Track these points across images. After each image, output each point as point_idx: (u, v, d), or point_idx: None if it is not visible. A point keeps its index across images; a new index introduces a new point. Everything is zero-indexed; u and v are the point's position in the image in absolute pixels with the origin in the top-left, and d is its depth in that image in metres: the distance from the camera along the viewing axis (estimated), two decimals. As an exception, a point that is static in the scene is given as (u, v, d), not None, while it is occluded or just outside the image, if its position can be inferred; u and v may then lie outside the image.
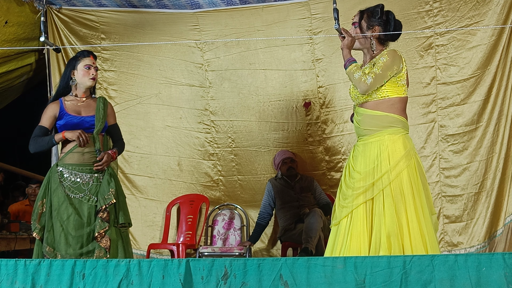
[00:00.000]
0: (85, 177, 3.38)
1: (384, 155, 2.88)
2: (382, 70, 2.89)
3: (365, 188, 2.87)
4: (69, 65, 3.56)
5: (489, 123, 4.53)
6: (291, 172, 4.90)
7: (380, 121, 2.94)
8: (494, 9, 4.45)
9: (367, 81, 2.88)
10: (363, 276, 2.11)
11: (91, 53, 3.58)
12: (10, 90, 5.62)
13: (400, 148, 2.89)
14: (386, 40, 3.09)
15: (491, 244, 4.47)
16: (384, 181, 2.84)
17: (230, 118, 5.19)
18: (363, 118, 3.00)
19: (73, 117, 3.46)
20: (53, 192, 3.33)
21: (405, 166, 2.85)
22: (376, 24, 3.04)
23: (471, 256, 2.07)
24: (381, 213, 2.82)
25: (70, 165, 3.38)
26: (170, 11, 5.07)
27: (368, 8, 3.11)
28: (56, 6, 5.11)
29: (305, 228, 4.41)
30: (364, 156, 2.95)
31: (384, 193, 2.84)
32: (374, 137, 2.94)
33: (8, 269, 2.44)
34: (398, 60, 2.94)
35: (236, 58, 5.11)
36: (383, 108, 2.94)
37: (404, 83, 2.99)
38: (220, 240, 5.16)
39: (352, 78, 2.94)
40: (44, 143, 3.43)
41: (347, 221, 2.92)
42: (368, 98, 2.97)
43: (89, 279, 2.34)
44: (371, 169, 2.89)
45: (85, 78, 3.50)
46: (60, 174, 3.36)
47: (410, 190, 2.84)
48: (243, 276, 2.20)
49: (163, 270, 2.29)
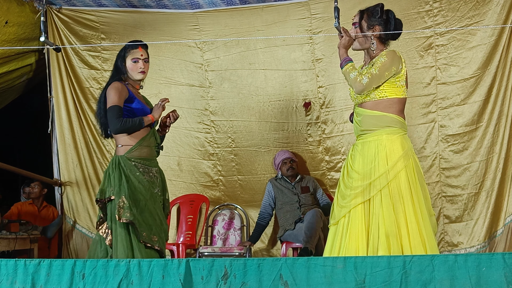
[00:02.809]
0: (154, 171, 3.35)
1: (381, 155, 2.88)
2: (379, 71, 2.89)
3: (363, 188, 2.88)
4: (119, 56, 3.44)
5: (489, 123, 4.53)
6: (291, 172, 4.90)
7: (379, 121, 2.95)
8: (494, 9, 4.45)
9: (363, 81, 2.88)
10: (363, 276, 2.11)
11: (140, 44, 3.41)
12: (11, 90, 5.63)
13: (398, 148, 2.89)
14: (387, 39, 3.08)
15: (491, 244, 4.47)
16: (382, 181, 2.84)
17: (230, 118, 5.19)
18: (362, 118, 3.00)
19: (141, 104, 3.36)
20: (135, 186, 3.21)
21: (403, 166, 2.86)
22: (377, 23, 3.03)
23: (471, 256, 2.07)
24: (379, 213, 2.82)
25: (142, 159, 3.28)
26: (170, 11, 5.07)
27: (368, 8, 3.10)
28: (56, 6, 5.12)
29: (305, 228, 4.41)
30: (362, 156, 2.95)
31: (382, 193, 2.84)
32: (372, 136, 2.94)
33: (8, 269, 2.44)
34: (397, 61, 2.93)
35: (236, 58, 5.11)
36: (381, 108, 2.94)
37: (403, 84, 2.98)
38: (220, 240, 5.16)
39: (348, 78, 2.95)
40: (135, 125, 3.24)
41: (346, 220, 2.92)
42: (367, 98, 2.98)
43: (89, 279, 2.34)
44: (369, 169, 2.90)
45: (134, 72, 3.38)
46: (135, 167, 3.25)
47: (408, 190, 2.84)
48: (243, 276, 2.20)
49: (163, 270, 2.29)
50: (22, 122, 6.38)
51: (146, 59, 3.42)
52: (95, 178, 5.32)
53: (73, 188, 5.31)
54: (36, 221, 5.24)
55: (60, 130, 5.31)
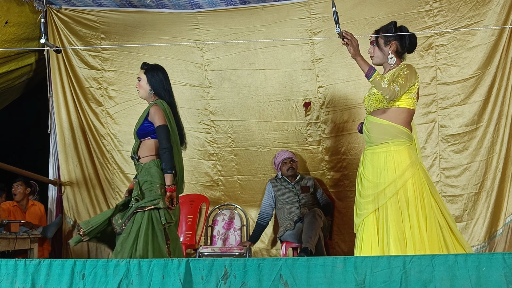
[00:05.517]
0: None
1: (390, 165, 3.05)
2: (405, 81, 3.06)
3: (373, 196, 3.04)
4: None
5: (489, 123, 4.53)
6: (291, 172, 4.90)
7: (386, 131, 3.10)
8: (494, 9, 4.45)
9: (396, 89, 3.01)
10: (363, 276, 2.11)
11: (142, 64, 3.68)
12: (11, 91, 5.63)
13: (406, 158, 3.05)
14: (403, 53, 3.25)
15: (491, 244, 4.48)
16: (392, 190, 3.00)
17: (230, 118, 5.19)
18: (371, 126, 3.16)
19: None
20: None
21: (410, 175, 3.02)
22: (393, 39, 3.20)
23: (471, 256, 2.07)
24: (387, 219, 2.97)
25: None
26: (170, 11, 5.07)
27: (382, 27, 3.26)
28: (56, 6, 5.12)
29: (305, 228, 4.40)
30: (372, 165, 3.12)
31: (391, 201, 2.99)
32: (381, 147, 3.11)
33: (8, 269, 2.44)
34: (414, 74, 3.13)
35: (236, 58, 5.11)
36: (391, 117, 3.10)
37: (414, 96, 3.15)
38: (220, 240, 5.16)
39: (379, 86, 3.03)
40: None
41: (361, 227, 3.10)
42: (379, 105, 3.13)
43: (89, 279, 2.34)
44: (378, 178, 3.06)
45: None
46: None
47: (413, 198, 3.00)
48: (243, 276, 2.20)
49: (163, 270, 2.29)
50: (22, 122, 6.37)
51: (139, 78, 3.64)
52: (95, 178, 5.32)
53: (73, 188, 5.31)
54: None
55: (60, 130, 5.31)
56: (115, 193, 5.28)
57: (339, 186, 5.07)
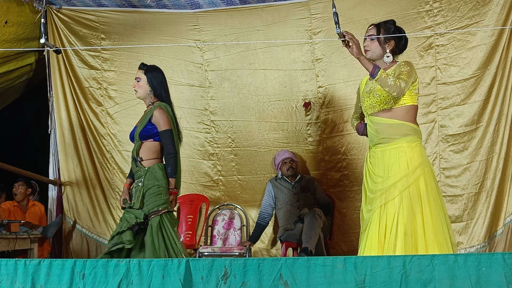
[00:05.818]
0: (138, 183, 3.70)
1: (402, 160, 3.06)
2: (407, 77, 3.07)
3: (382, 191, 3.06)
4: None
5: (489, 123, 4.53)
6: (291, 172, 4.90)
7: (398, 130, 3.11)
8: (494, 9, 4.45)
9: (402, 85, 3.03)
10: (363, 276, 2.11)
11: (140, 65, 3.69)
12: (11, 90, 5.63)
13: (418, 155, 3.08)
14: (396, 53, 3.26)
15: (491, 244, 4.47)
16: (403, 184, 3.02)
17: (230, 118, 5.19)
18: (380, 127, 3.15)
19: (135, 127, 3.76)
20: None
21: (422, 172, 3.04)
22: (392, 38, 3.21)
23: (471, 256, 2.07)
24: (399, 212, 2.98)
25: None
26: (170, 11, 5.07)
27: (381, 24, 3.25)
28: (56, 6, 5.12)
29: (305, 228, 4.40)
30: (383, 162, 3.12)
31: (403, 195, 3.01)
32: (393, 144, 3.12)
33: (8, 269, 2.44)
34: (414, 70, 3.16)
35: (235, 58, 5.11)
36: (400, 116, 3.12)
37: (417, 92, 3.18)
38: (220, 240, 5.16)
39: (385, 84, 3.04)
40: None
41: (369, 221, 3.11)
42: (385, 106, 3.13)
43: (89, 279, 2.34)
44: (388, 172, 3.08)
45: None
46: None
47: (426, 194, 3.02)
48: (243, 276, 2.20)
49: (163, 270, 2.29)
50: (22, 122, 6.37)
51: (138, 78, 3.64)
52: (95, 178, 5.32)
53: (73, 188, 5.31)
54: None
55: (60, 130, 5.31)
56: (115, 193, 5.28)
57: (339, 186, 5.06)
